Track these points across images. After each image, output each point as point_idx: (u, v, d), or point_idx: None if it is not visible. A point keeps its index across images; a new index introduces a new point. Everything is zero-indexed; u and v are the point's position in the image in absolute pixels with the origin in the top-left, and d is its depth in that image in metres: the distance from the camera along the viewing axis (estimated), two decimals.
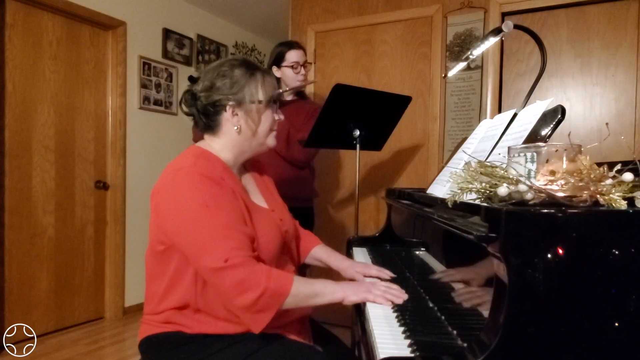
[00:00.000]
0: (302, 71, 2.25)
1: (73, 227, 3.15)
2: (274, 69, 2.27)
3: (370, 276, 1.35)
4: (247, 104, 1.21)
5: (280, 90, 2.22)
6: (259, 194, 1.35)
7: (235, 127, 1.22)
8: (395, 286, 1.18)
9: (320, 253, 1.49)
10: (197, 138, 1.37)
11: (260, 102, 1.23)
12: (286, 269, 1.29)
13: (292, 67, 2.22)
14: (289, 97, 2.32)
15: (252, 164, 1.43)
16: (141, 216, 3.53)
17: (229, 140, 1.24)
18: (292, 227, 1.39)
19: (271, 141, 1.30)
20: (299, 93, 2.35)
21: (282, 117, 1.32)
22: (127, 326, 3.24)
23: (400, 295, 1.14)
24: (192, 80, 1.26)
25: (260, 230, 1.19)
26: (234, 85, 1.20)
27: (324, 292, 1.14)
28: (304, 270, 2.01)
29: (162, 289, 1.19)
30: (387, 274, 1.35)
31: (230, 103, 1.20)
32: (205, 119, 1.24)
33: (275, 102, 1.29)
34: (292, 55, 2.23)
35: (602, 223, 0.71)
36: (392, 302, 1.11)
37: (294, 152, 2.14)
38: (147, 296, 1.25)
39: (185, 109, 1.28)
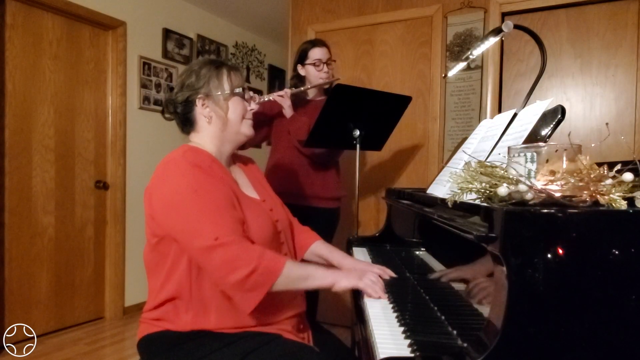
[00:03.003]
0: (325, 69, 2.24)
1: (73, 227, 3.15)
2: (299, 67, 2.28)
3: None
4: (214, 95, 1.28)
5: (302, 88, 2.22)
6: (249, 185, 1.38)
7: (206, 118, 1.28)
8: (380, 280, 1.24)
9: (321, 249, 1.50)
10: None
11: (226, 91, 1.29)
12: None
13: (314, 64, 2.22)
14: (312, 95, 2.31)
15: (240, 159, 1.47)
16: (141, 216, 3.51)
17: (207, 132, 1.30)
18: (285, 219, 1.41)
19: (246, 129, 1.34)
20: (326, 91, 2.34)
21: (255, 107, 1.37)
22: (127, 326, 3.24)
23: (383, 291, 1.20)
24: (171, 89, 1.34)
25: (250, 218, 1.21)
26: (200, 80, 1.28)
27: (315, 275, 1.17)
28: None
29: (159, 282, 1.21)
30: (389, 273, 1.36)
31: (199, 96, 1.28)
32: (183, 117, 1.31)
33: (245, 92, 1.33)
34: (315, 53, 2.23)
35: (602, 223, 0.71)
36: (378, 293, 1.18)
37: (315, 150, 2.15)
38: (148, 293, 1.27)
39: (167, 115, 1.36)
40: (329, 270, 1.22)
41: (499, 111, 2.74)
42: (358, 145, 2.13)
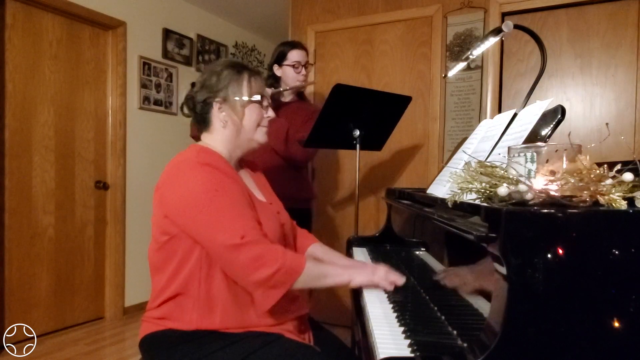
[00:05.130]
0: (303, 71, 2.24)
1: (73, 227, 3.15)
2: (275, 67, 2.26)
3: None
4: (231, 100, 1.28)
5: (281, 89, 2.22)
6: (256, 188, 1.40)
7: (221, 122, 1.28)
8: (393, 270, 1.27)
9: (317, 251, 1.51)
10: (194, 133, 1.46)
11: (244, 98, 1.29)
12: None
13: (293, 66, 2.21)
14: (288, 98, 2.31)
15: (246, 162, 1.48)
16: (141, 216, 3.53)
17: (220, 136, 1.30)
18: (289, 222, 1.44)
19: (260, 136, 1.34)
20: (299, 94, 2.34)
21: (272, 114, 1.37)
22: (127, 326, 3.24)
23: (400, 278, 1.23)
24: (193, 85, 1.36)
25: (261, 221, 1.22)
26: (220, 83, 1.28)
27: (332, 273, 1.21)
28: None
29: (165, 280, 1.21)
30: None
31: (217, 99, 1.28)
32: (199, 117, 1.32)
33: (263, 99, 1.33)
34: (294, 55, 2.22)
35: (602, 223, 0.71)
36: (395, 284, 1.22)
37: (292, 152, 2.14)
38: (151, 292, 1.27)
39: (186, 112, 1.36)
40: (343, 267, 1.26)
41: (499, 111, 2.74)
42: (358, 145, 2.13)
